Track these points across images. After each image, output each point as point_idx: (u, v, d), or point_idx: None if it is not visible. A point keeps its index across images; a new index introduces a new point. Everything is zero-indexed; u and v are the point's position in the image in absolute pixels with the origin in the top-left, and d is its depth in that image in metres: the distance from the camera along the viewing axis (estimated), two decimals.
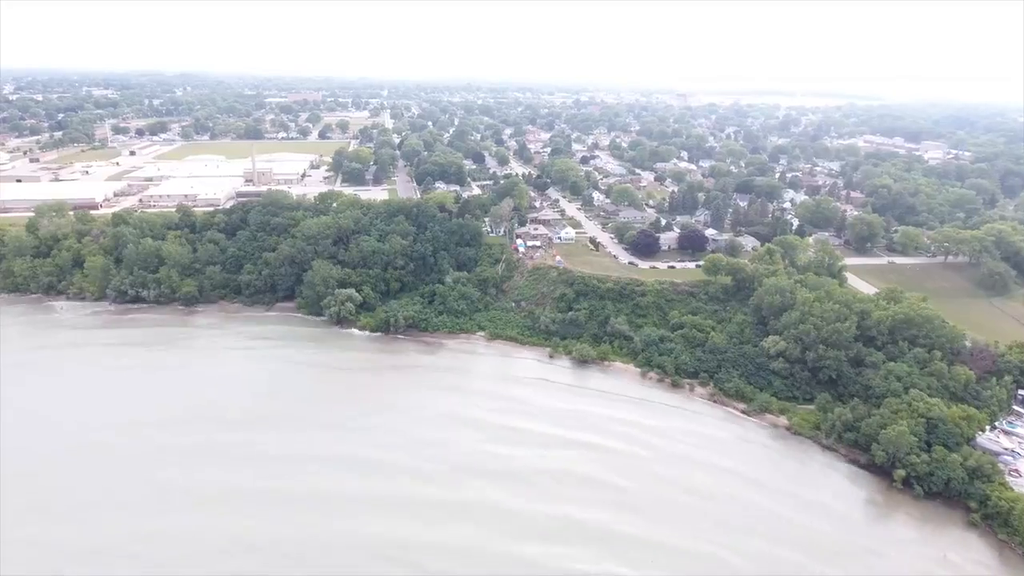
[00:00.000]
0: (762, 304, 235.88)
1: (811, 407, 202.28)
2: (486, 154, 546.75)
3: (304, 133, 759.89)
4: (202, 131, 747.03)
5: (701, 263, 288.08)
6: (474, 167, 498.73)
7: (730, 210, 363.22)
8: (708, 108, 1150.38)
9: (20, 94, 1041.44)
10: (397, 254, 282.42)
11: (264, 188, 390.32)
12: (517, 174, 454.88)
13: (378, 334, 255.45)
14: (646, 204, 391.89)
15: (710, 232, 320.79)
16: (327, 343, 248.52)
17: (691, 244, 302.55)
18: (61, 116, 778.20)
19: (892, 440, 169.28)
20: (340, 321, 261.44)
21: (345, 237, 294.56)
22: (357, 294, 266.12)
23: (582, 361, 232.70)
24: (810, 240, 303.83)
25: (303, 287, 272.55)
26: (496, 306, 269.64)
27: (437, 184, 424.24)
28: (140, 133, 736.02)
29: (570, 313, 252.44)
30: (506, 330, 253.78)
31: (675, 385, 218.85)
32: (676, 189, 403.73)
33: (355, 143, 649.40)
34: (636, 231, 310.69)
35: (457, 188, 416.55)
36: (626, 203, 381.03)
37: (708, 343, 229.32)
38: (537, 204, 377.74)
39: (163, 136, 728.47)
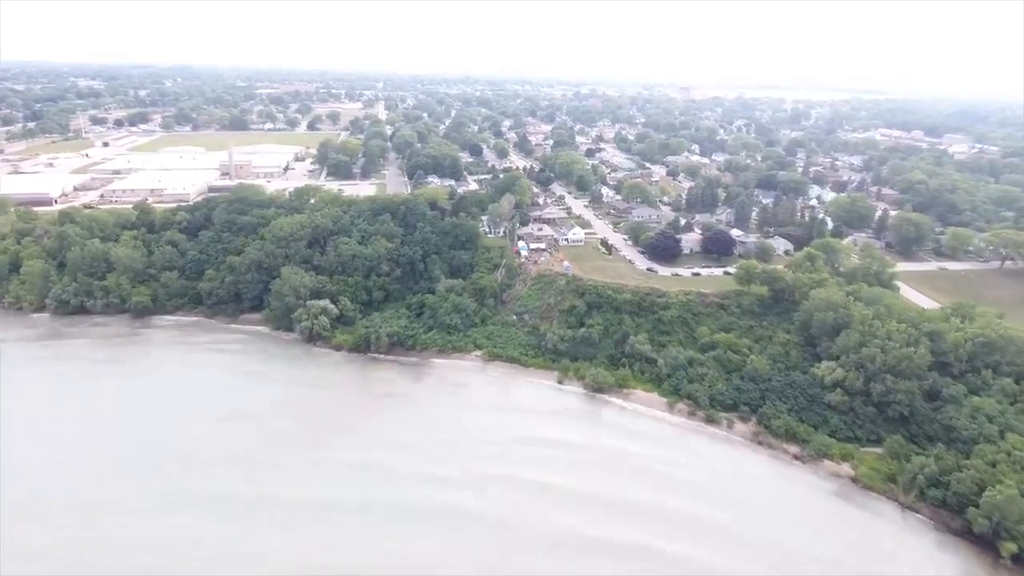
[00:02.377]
0: (810, 321, 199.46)
1: (878, 450, 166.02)
2: (484, 146, 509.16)
3: (292, 124, 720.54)
4: (184, 122, 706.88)
5: (730, 269, 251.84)
6: (471, 160, 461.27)
7: (755, 208, 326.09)
8: (713, 101, 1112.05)
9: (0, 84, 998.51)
10: (381, 259, 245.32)
11: (240, 182, 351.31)
12: (517, 167, 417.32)
13: (357, 354, 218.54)
14: (660, 201, 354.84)
15: (736, 233, 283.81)
16: (296, 365, 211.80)
17: (716, 247, 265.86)
18: (39, 106, 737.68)
19: (997, 506, 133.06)
20: (313, 338, 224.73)
21: (322, 239, 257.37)
22: (333, 306, 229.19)
23: (597, 389, 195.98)
24: (853, 243, 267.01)
25: (271, 297, 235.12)
26: (495, 320, 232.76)
27: (430, 178, 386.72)
28: (119, 124, 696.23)
29: (582, 330, 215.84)
30: (507, 349, 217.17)
31: (710, 420, 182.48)
32: (692, 185, 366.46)
33: (345, 135, 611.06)
34: (653, 232, 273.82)
35: (452, 183, 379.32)
36: (638, 200, 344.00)
37: (747, 368, 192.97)
38: (540, 201, 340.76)
39: (143, 127, 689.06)
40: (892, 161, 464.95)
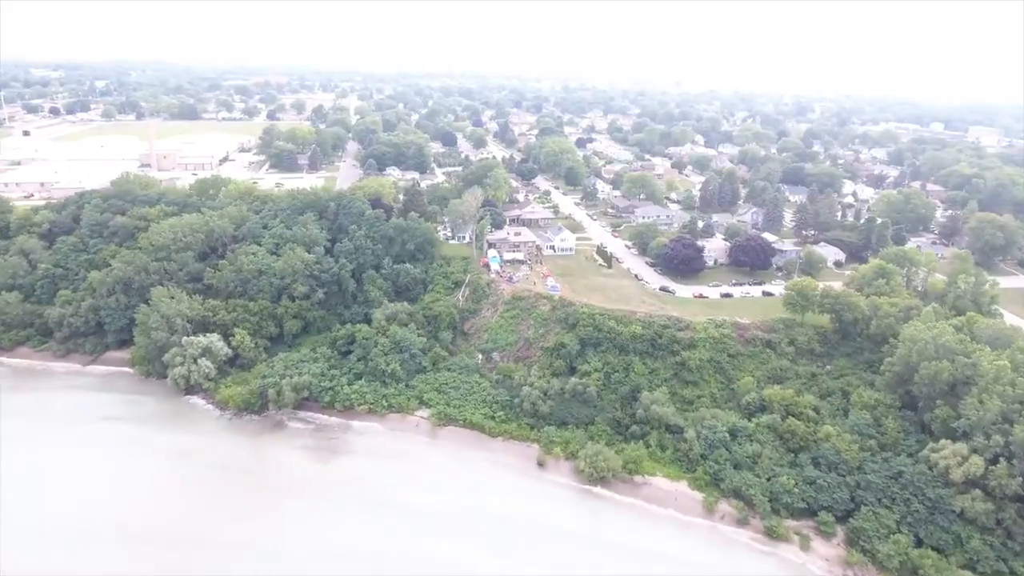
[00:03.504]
0: (909, 373, 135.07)
1: None
2: (459, 135, 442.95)
3: (251, 114, 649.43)
4: (130, 110, 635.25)
5: (772, 289, 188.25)
6: (442, 151, 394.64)
7: (786, 209, 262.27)
8: (709, 94, 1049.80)
9: None
10: (297, 275, 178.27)
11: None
12: (495, 157, 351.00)
13: (249, 416, 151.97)
14: (667, 198, 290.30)
15: (769, 238, 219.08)
16: (160, 431, 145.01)
17: (749, 258, 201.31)
18: None
19: None
20: (191, 388, 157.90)
21: (220, 247, 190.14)
22: (223, 344, 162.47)
23: (596, 477, 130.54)
24: (934, 253, 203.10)
25: (136, 331, 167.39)
26: (451, 363, 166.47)
27: (389, 170, 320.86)
28: (55, 112, 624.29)
29: (572, 379, 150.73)
30: (465, 408, 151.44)
31: (772, 534, 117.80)
32: (706, 179, 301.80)
33: (308, 124, 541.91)
34: (666, 238, 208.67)
35: (416, 175, 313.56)
36: (641, 196, 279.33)
37: (823, 448, 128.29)
38: (520, 197, 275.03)
39: (82, 116, 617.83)
40: (928, 153, 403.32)
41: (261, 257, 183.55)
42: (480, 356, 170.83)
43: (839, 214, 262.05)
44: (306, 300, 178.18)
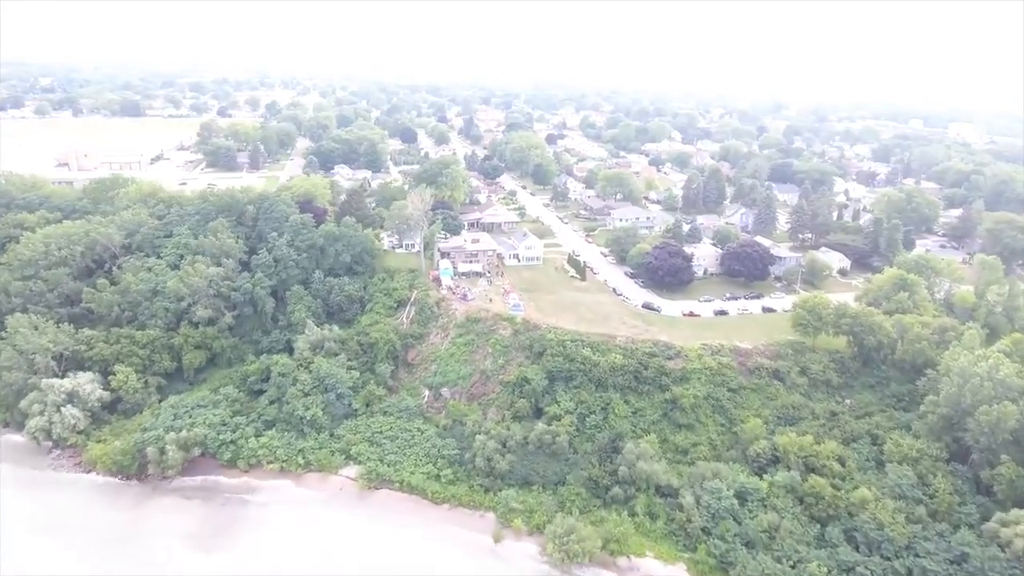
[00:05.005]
0: (960, 416, 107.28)
1: None
2: (421, 131, 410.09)
3: (200, 110, 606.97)
4: (66, 107, 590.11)
5: (773, 304, 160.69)
6: (401, 148, 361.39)
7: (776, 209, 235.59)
8: (683, 93, 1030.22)
9: None
10: (199, 295, 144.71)
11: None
12: (455, 154, 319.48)
13: (125, 480, 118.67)
14: (645, 198, 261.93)
15: (764, 243, 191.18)
16: (7, 501, 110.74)
17: (744, 267, 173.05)
18: None
19: None
20: (56, 443, 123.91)
21: (107, 261, 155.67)
22: (96, 386, 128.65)
23: (569, 555, 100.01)
24: (955, 260, 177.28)
25: None
26: (388, 405, 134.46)
27: (337, 168, 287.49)
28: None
29: (539, 425, 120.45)
30: (403, 466, 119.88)
31: None
32: (688, 176, 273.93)
33: (261, 122, 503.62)
34: (649, 244, 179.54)
35: (368, 174, 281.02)
36: (618, 195, 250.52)
37: (856, 516, 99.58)
38: (482, 198, 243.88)
39: (12, 112, 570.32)
40: (917, 149, 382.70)
41: (159, 273, 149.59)
42: (426, 393, 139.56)
43: (835, 214, 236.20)
44: (211, 326, 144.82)
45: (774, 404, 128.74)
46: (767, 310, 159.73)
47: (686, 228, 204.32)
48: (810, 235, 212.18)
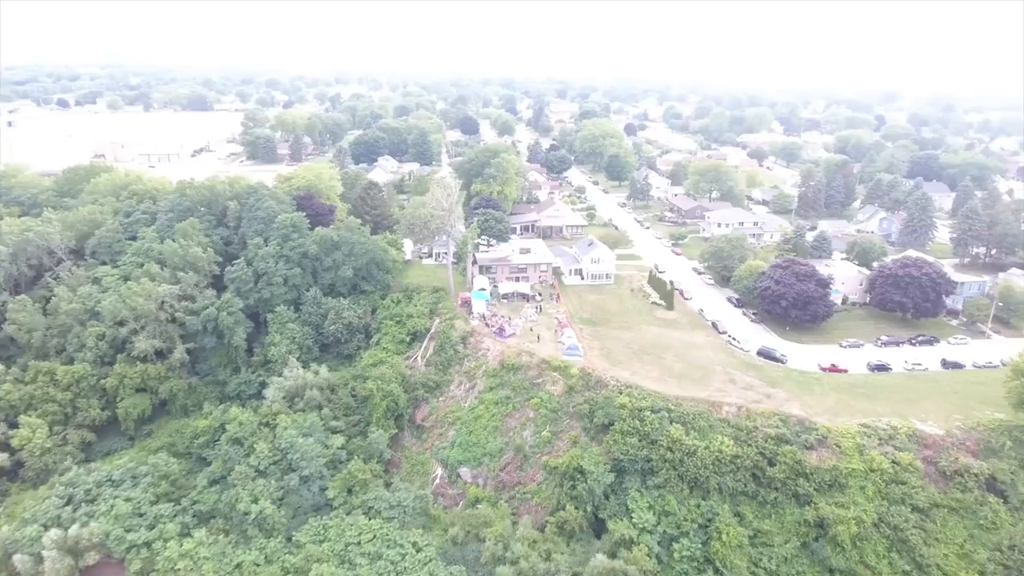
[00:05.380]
0: None
1: None
2: (484, 122, 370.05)
3: (266, 104, 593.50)
4: (138, 102, 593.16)
5: (953, 352, 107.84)
6: (460, 139, 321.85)
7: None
8: (777, 88, 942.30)
9: None
10: (147, 320, 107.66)
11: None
12: (516, 144, 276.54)
13: None
14: (748, 197, 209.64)
15: (945, 265, 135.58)
16: None
17: (911, 297, 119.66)
18: None
19: None
20: None
21: (51, 269, 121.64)
22: None
23: None
24: None
25: None
26: (375, 498, 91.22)
27: (381, 161, 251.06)
28: (63, 104, 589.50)
29: (597, 559, 74.94)
30: None
31: None
32: (803, 171, 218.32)
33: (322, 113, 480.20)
34: (763, 260, 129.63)
35: (416, 167, 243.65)
36: (713, 193, 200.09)
37: None
38: (542, 196, 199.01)
39: (88, 107, 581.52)
40: None
41: (108, 286, 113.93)
42: (439, 471, 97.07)
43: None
44: (159, 362, 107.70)
45: (992, 537, 77.70)
46: (950, 365, 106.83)
47: (810, 237, 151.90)
48: (990, 250, 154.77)
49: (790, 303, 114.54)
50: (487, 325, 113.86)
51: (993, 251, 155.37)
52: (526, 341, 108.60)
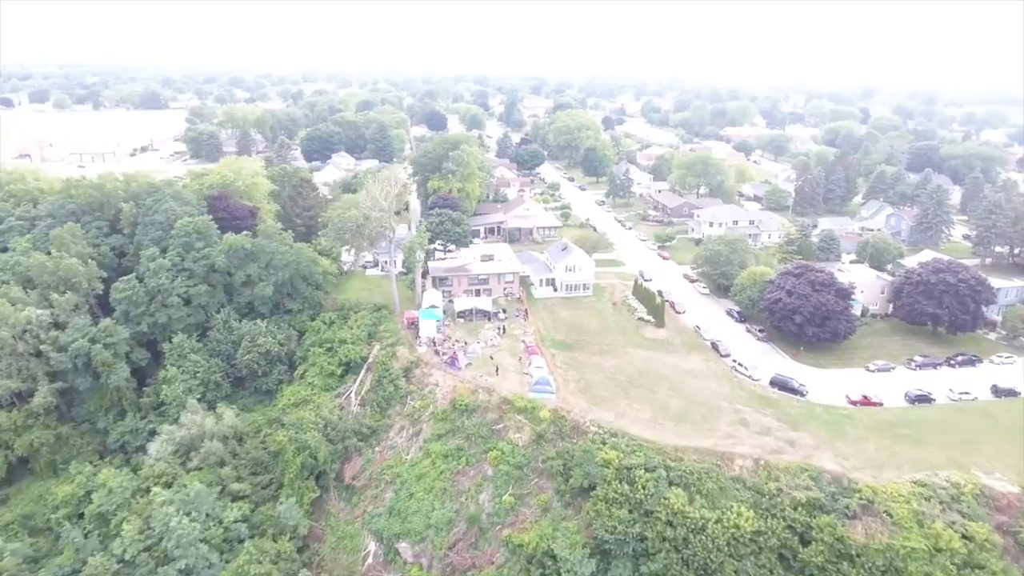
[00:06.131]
0: None
1: None
2: (452, 117, 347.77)
3: (224, 101, 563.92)
4: (87, 100, 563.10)
5: (1005, 376, 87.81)
6: (428, 135, 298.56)
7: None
8: (754, 85, 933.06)
9: None
10: (1, 354, 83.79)
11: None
12: (485, 138, 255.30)
13: None
14: (739, 193, 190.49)
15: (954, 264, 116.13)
16: None
17: (946, 309, 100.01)
18: None
19: None
20: None
21: None
22: None
23: None
24: None
25: None
26: None
27: (336, 158, 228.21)
28: (6, 104, 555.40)
29: None
30: None
31: None
32: (798, 163, 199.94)
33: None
34: (770, 268, 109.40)
35: (374, 164, 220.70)
36: (700, 189, 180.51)
37: None
38: (511, 194, 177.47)
39: (34, 105, 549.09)
40: None
41: None
42: (371, 547, 75.06)
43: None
44: (17, 407, 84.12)
45: None
46: (1003, 393, 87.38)
47: (815, 239, 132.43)
48: (1009, 248, 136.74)
49: (806, 318, 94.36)
50: (437, 353, 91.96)
51: (1017, 250, 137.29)
52: (485, 373, 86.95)
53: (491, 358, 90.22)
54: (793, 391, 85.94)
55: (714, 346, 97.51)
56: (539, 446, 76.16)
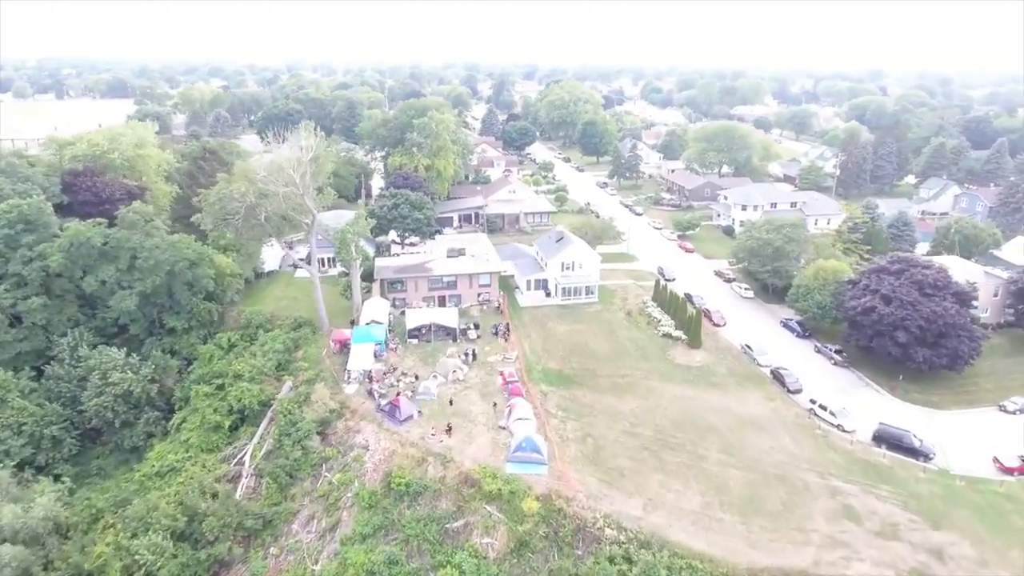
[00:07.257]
0: None
1: None
2: (437, 99, 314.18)
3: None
4: (50, 90, 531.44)
5: None
6: None
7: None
8: (758, 68, 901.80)
9: None
10: None
11: None
12: (468, 117, 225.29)
13: None
14: (765, 173, 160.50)
15: None
16: None
17: None
18: None
19: None
20: None
21: None
22: None
23: None
24: None
25: None
26: None
27: (289, 138, 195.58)
28: None
29: None
30: None
31: None
32: (844, 138, 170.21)
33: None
34: (849, 265, 79.30)
35: (341, 145, 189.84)
36: (722, 167, 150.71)
37: None
38: (494, 174, 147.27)
39: None
40: None
41: None
42: None
43: None
44: None
45: None
46: None
47: (886, 224, 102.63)
48: None
49: (914, 336, 64.50)
50: (371, 394, 61.93)
51: None
52: (439, 429, 57.02)
53: (450, 403, 60.20)
54: (913, 452, 56.20)
55: (777, 377, 67.76)
56: (521, 559, 46.49)
